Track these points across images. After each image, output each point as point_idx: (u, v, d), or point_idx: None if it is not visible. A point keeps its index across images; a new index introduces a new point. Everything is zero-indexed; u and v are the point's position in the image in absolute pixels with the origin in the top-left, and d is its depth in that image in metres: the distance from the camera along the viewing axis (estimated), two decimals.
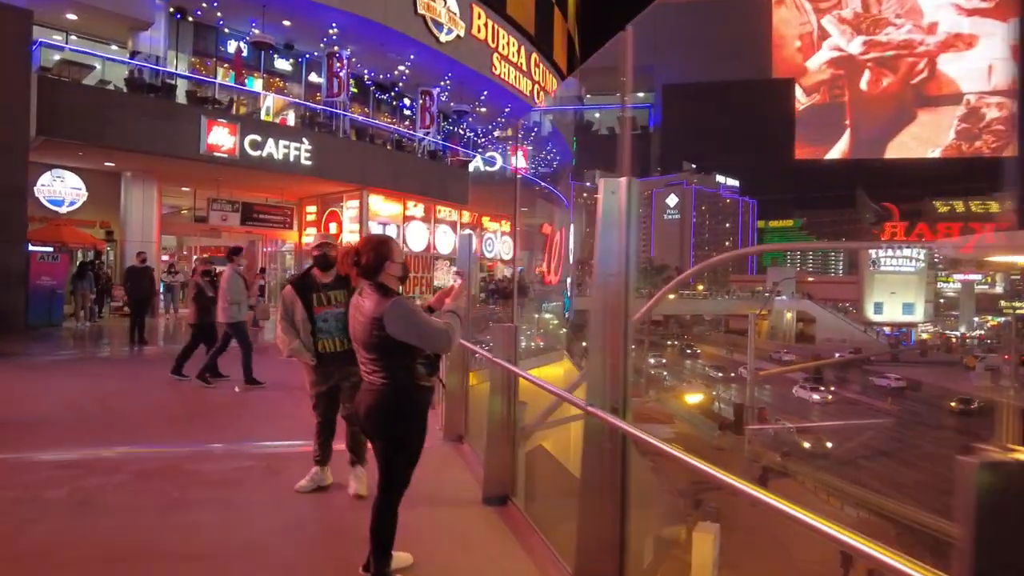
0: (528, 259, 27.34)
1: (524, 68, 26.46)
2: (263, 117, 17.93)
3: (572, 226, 33.83)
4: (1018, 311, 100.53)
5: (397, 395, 2.48)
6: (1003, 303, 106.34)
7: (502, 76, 24.67)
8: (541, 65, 28.27)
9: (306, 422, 5.70)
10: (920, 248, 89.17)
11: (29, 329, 12.44)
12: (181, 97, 16.40)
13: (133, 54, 16.34)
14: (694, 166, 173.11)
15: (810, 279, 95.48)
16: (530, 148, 32.50)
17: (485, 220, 24.65)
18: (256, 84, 20.05)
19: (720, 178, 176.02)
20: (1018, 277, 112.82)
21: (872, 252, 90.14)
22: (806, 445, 29.50)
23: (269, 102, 19.37)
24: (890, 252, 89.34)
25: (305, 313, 3.75)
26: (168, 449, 4.64)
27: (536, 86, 27.66)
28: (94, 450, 4.50)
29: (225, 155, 15.71)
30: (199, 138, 15.29)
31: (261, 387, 7.43)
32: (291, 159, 16.90)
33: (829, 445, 29.72)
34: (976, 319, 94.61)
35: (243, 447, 4.82)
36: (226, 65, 20.14)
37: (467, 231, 4.15)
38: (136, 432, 5.14)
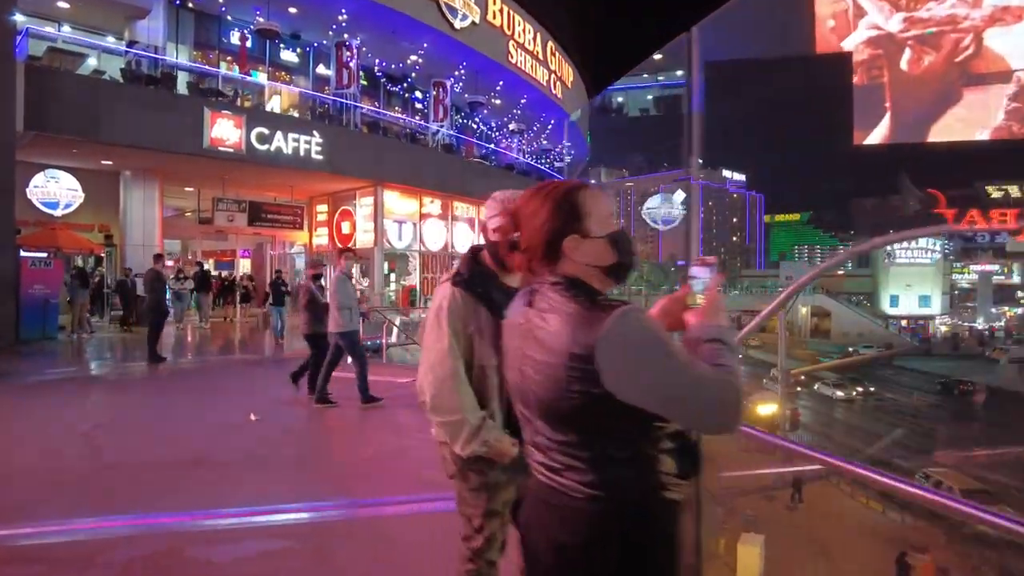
0: None
1: (540, 57, 25.24)
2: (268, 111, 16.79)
3: None
4: None
5: (619, 521, 1.14)
6: (1020, 293, 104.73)
7: (519, 65, 23.45)
8: (557, 54, 27.05)
9: (363, 467, 4.49)
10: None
11: (21, 343, 11.31)
12: (182, 90, 15.27)
13: (130, 44, 15.21)
14: (700, 161, 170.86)
15: (840, 272, 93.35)
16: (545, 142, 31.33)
17: None
18: (261, 78, 18.93)
19: (727, 172, 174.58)
20: None
21: (887, 244, 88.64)
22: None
23: (275, 103, 18.31)
24: (905, 244, 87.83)
25: (495, 347, 1.81)
26: (168, 521, 3.41)
27: (553, 76, 26.45)
28: (65, 524, 3.29)
29: (230, 149, 14.55)
30: (202, 132, 14.14)
31: (379, 405, 6.58)
32: (301, 153, 15.72)
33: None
34: (993, 310, 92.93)
35: (275, 514, 3.58)
36: (229, 58, 19.02)
37: None
38: (128, 491, 3.91)
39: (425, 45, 20.15)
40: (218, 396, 7.28)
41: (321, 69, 20.87)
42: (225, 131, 14.46)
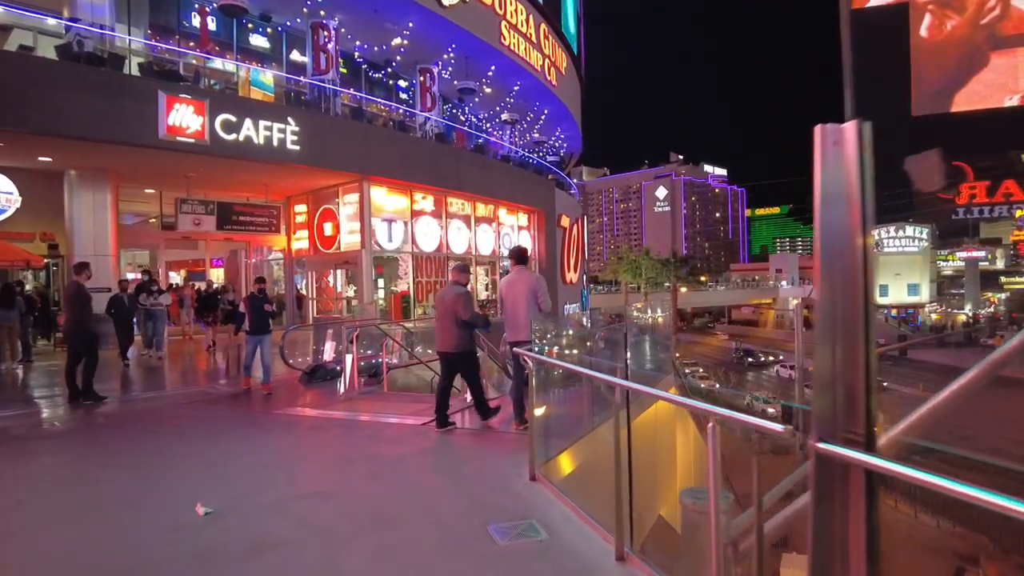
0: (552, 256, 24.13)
1: (534, 40, 23.30)
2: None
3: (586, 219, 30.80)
4: (1017, 286, 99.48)
5: None
6: (1003, 279, 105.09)
7: (512, 47, 21.49)
8: (550, 37, 25.12)
9: None
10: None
11: None
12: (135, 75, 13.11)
13: (73, 20, 13.01)
14: (681, 157, 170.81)
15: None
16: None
17: (502, 212, 21.46)
18: (229, 66, 16.78)
19: (708, 167, 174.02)
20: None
21: (875, 233, 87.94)
22: None
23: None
24: (893, 232, 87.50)
25: None
26: None
27: (547, 60, 24.52)
28: None
29: (191, 140, 12.41)
30: (157, 119, 12.00)
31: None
32: (275, 144, 13.63)
33: None
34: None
35: None
36: (191, 44, 16.85)
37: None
38: None
39: (411, 25, 18.13)
40: (165, 467, 5.04)
41: (296, 56, 18.77)
42: (184, 118, 12.33)
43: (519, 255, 6.32)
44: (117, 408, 7.41)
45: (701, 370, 36.33)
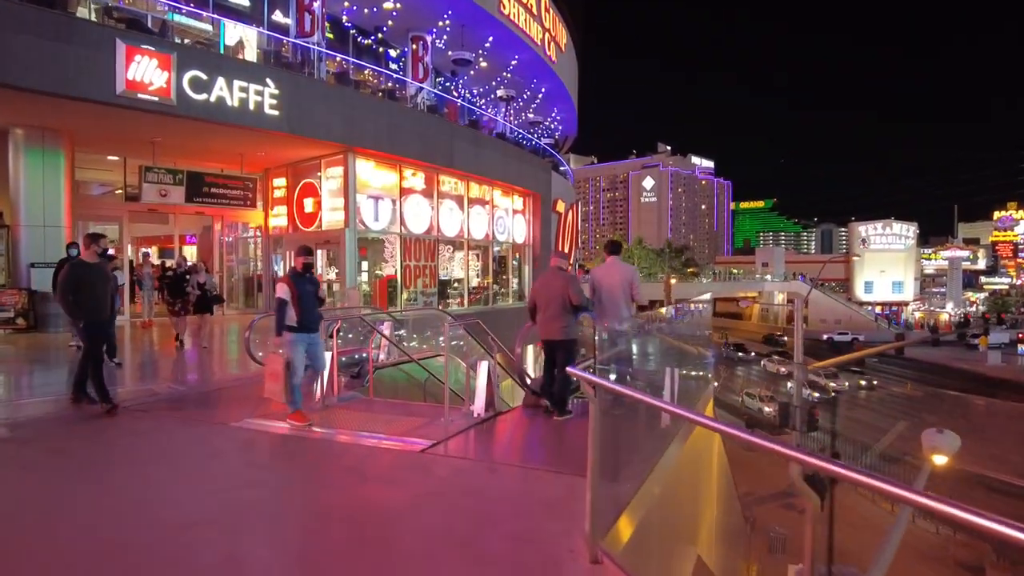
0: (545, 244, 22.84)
1: (534, 11, 21.85)
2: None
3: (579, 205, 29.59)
4: (995, 286, 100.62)
5: None
6: (983, 279, 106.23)
7: (511, 17, 20.03)
8: (551, 10, 23.69)
9: None
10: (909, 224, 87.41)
11: None
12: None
13: None
14: (669, 147, 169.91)
15: (838, 259, 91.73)
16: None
17: (496, 194, 20.10)
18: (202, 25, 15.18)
19: (695, 159, 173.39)
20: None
21: (862, 230, 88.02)
22: None
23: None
24: (880, 229, 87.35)
25: None
26: None
27: (547, 34, 23.10)
28: None
29: (154, 98, 10.92)
30: (114, 73, 10.49)
31: None
32: (251, 107, 12.17)
33: None
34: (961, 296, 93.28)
35: None
36: None
37: None
38: None
39: None
40: (44, 518, 3.55)
41: (278, 16, 17.18)
42: (147, 72, 10.83)
43: (614, 247, 6.79)
44: (28, 414, 5.92)
45: None
